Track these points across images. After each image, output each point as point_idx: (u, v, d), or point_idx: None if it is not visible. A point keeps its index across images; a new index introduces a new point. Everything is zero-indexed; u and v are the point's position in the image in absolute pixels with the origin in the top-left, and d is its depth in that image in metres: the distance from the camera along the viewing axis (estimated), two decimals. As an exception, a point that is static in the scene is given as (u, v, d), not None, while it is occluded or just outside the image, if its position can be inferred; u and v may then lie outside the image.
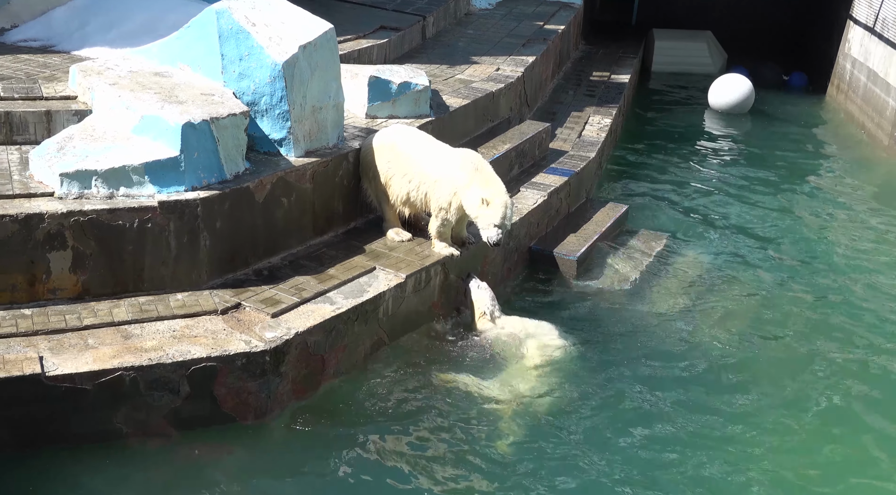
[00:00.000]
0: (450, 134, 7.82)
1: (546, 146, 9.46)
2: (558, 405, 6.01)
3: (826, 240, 9.48)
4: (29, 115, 6.26)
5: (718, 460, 5.61)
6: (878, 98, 13.51)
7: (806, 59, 17.54)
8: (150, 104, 5.90)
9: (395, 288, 6.19)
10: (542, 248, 8.01)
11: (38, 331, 5.19)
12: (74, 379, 4.90)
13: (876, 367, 6.85)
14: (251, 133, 6.28)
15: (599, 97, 12.32)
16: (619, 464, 5.50)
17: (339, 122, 6.92)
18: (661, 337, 6.96)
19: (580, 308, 7.33)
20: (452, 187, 6.46)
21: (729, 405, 6.19)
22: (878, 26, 14.02)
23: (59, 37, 8.04)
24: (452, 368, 6.25)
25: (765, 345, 7.05)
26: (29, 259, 5.32)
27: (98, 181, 5.56)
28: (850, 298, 7.99)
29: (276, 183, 6.20)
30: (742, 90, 14.27)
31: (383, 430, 5.59)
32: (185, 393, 5.19)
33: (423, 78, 7.96)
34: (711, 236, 9.28)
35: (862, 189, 11.29)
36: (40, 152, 5.77)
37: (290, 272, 6.16)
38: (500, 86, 9.29)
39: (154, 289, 5.70)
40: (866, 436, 6.02)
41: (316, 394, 5.75)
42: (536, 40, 11.85)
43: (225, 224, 5.88)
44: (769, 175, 11.57)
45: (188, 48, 6.56)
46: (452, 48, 11.00)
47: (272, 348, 5.35)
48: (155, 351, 5.15)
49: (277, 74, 6.27)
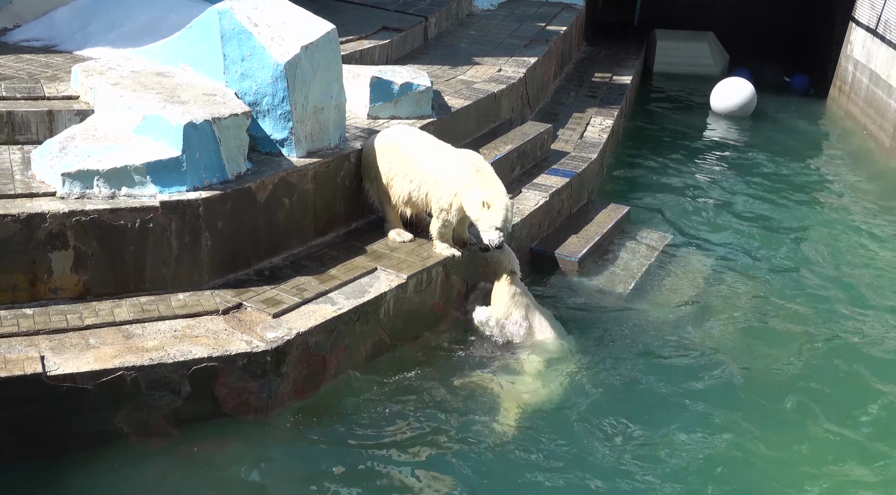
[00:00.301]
0: (451, 135, 7.82)
1: (548, 147, 9.46)
2: (560, 406, 6.01)
3: (829, 242, 9.47)
4: (31, 114, 6.27)
5: (718, 460, 5.62)
6: (880, 100, 13.51)
7: (807, 61, 17.54)
8: (152, 104, 5.90)
9: (396, 288, 6.19)
10: (544, 249, 8.02)
11: (40, 330, 5.19)
12: (76, 378, 4.89)
13: (875, 363, 6.87)
14: (253, 133, 6.28)
15: (601, 98, 12.33)
16: (620, 464, 5.50)
17: (340, 123, 6.92)
18: (663, 338, 6.96)
19: (582, 309, 7.33)
20: (453, 188, 6.46)
21: (730, 405, 6.19)
22: (880, 28, 14.01)
23: (61, 37, 8.04)
24: (454, 369, 6.25)
25: (767, 346, 7.04)
26: (30, 258, 5.32)
27: (100, 181, 5.56)
28: (853, 299, 7.99)
29: (277, 183, 6.20)
30: (745, 94, 14.25)
31: (384, 431, 5.59)
32: (186, 393, 5.19)
33: (424, 79, 7.96)
34: (713, 237, 9.28)
35: (864, 191, 11.29)
36: (42, 152, 5.77)
37: (291, 272, 6.16)
38: (501, 87, 9.29)
39: (155, 288, 5.70)
40: (873, 433, 6.02)
41: (317, 395, 5.74)
42: (538, 41, 11.85)
43: (226, 224, 5.88)
44: (771, 177, 11.56)
45: (190, 48, 6.56)
46: (454, 49, 11.00)
47: (273, 348, 5.35)
48: (156, 351, 5.15)
49: (279, 75, 6.27)
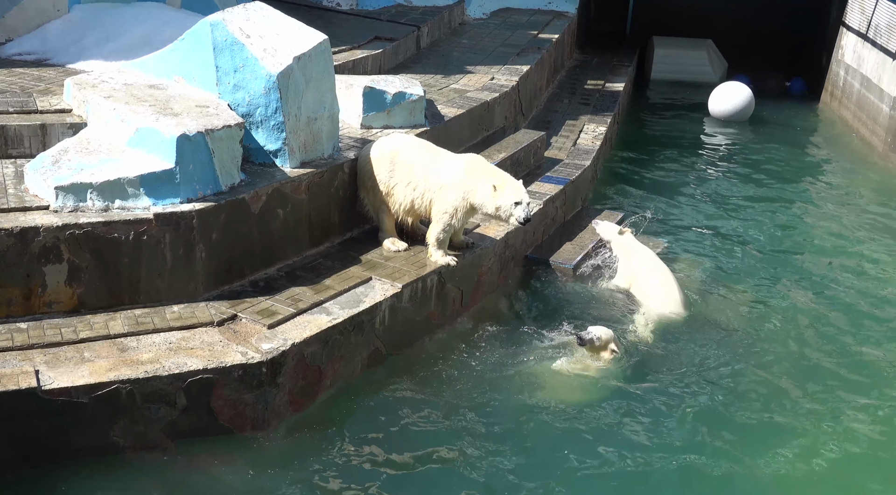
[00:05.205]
0: (445, 143, 7.81)
1: (541, 155, 9.47)
2: (553, 413, 6.00)
3: (823, 245, 9.48)
4: (24, 128, 6.26)
5: (717, 462, 5.62)
6: (871, 104, 13.56)
7: (803, 66, 17.57)
8: (145, 116, 5.90)
9: (391, 298, 6.19)
10: (538, 257, 8.03)
11: (34, 344, 5.18)
12: (71, 392, 4.88)
13: (868, 364, 6.90)
14: (246, 144, 6.28)
15: (594, 106, 12.35)
16: (615, 469, 5.51)
17: (334, 133, 6.93)
18: (657, 342, 6.96)
19: (576, 316, 7.32)
20: (461, 192, 6.49)
21: (729, 406, 6.20)
22: (870, 33, 14.07)
23: (54, 50, 8.05)
24: (450, 378, 6.24)
25: (762, 348, 7.04)
26: (25, 272, 5.32)
27: (93, 194, 5.56)
28: (846, 301, 8.01)
29: (271, 194, 6.20)
30: (742, 98, 14.26)
31: (381, 441, 5.58)
32: (182, 406, 5.17)
33: (417, 88, 7.97)
34: (708, 241, 9.29)
35: (858, 194, 11.31)
36: (35, 165, 5.77)
37: (286, 283, 6.16)
38: (494, 95, 9.31)
39: (150, 301, 5.69)
40: (875, 433, 6.04)
41: (313, 406, 5.74)
42: (531, 50, 11.88)
43: (221, 236, 5.88)
44: (765, 182, 11.59)
45: (183, 60, 6.57)
46: (447, 58, 11.02)
47: (269, 359, 5.34)
48: (151, 363, 5.14)
49: (272, 86, 6.28)
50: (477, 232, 7.37)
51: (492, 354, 6.54)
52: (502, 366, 6.43)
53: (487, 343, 6.70)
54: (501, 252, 7.46)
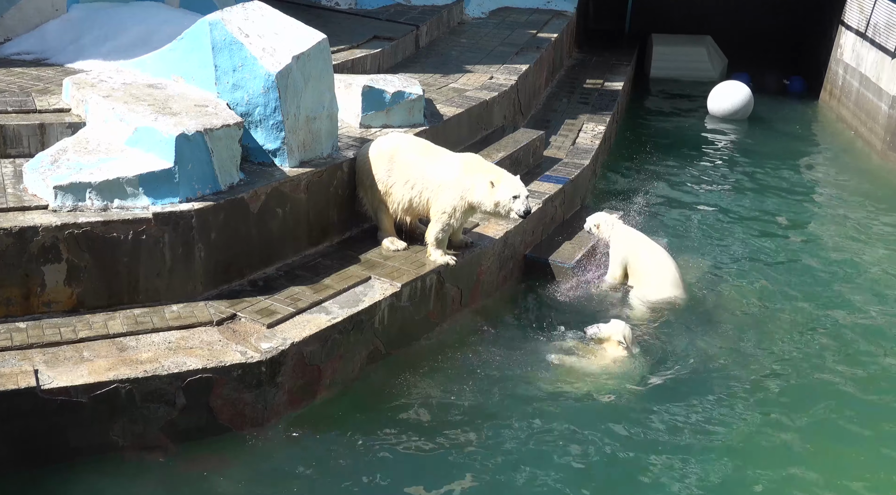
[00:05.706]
0: (444, 143, 7.81)
1: (540, 154, 9.47)
2: (553, 411, 6.00)
3: (822, 243, 9.49)
4: (22, 127, 6.26)
5: (716, 462, 5.62)
6: (870, 103, 13.56)
7: (803, 65, 17.56)
8: (144, 116, 5.90)
9: (390, 297, 6.19)
10: (538, 256, 8.02)
11: (33, 344, 5.18)
12: (70, 392, 4.88)
13: (869, 366, 6.89)
14: (245, 144, 6.29)
15: (593, 105, 12.35)
16: (612, 468, 5.52)
17: (333, 132, 6.93)
18: (656, 342, 6.96)
19: (575, 316, 7.32)
20: (459, 191, 6.49)
21: (727, 407, 6.20)
22: (869, 31, 14.07)
23: (52, 50, 8.05)
24: (450, 377, 6.24)
25: (763, 347, 7.04)
26: (23, 272, 5.32)
27: (92, 193, 5.56)
28: (845, 299, 8.01)
29: (270, 193, 6.20)
30: (741, 96, 14.25)
31: (380, 441, 5.58)
32: (181, 405, 5.18)
33: (416, 87, 7.97)
34: (707, 240, 9.29)
35: (856, 193, 11.31)
36: (34, 165, 5.77)
37: (285, 282, 6.16)
38: (493, 94, 9.31)
39: (149, 300, 5.69)
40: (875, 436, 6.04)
41: (312, 405, 5.74)
42: (530, 49, 11.88)
43: (220, 235, 5.88)
44: (764, 181, 11.59)
45: (182, 60, 6.57)
46: (446, 57, 11.02)
47: (268, 359, 5.34)
48: (150, 363, 5.14)
49: (271, 85, 6.28)
50: (476, 231, 7.37)
51: (491, 353, 6.54)
52: (501, 365, 6.43)
53: (487, 342, 6.71)
54: (500, 251, 7.47)
